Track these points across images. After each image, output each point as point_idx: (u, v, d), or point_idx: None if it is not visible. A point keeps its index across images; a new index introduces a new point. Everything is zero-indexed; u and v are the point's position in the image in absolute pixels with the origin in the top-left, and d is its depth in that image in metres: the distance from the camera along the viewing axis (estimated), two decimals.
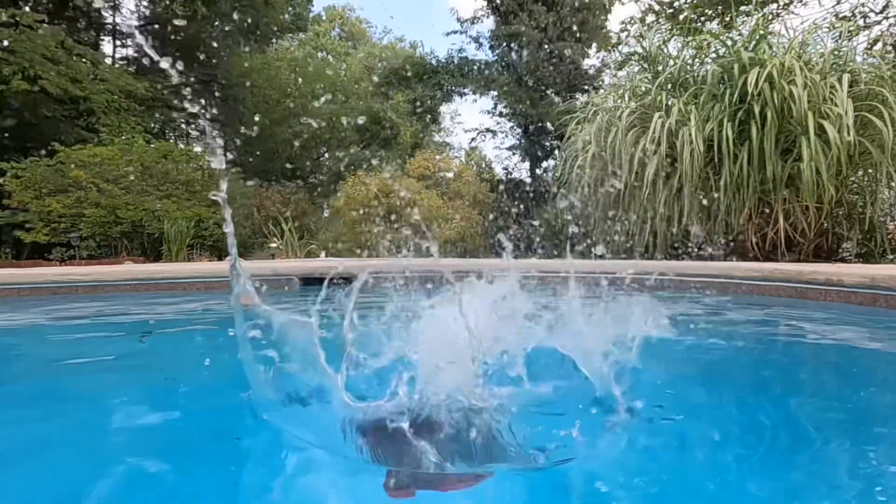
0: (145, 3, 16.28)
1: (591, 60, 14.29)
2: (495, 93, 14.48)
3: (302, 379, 1.19)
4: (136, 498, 0.95)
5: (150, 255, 8.86)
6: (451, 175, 11.88)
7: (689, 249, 5.82)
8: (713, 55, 6.67)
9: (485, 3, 14.60)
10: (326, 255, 8.43)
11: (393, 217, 8.94)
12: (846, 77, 5.36)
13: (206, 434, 1.27)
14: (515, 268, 1.41)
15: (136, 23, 16.39)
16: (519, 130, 14.83)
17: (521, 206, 12.41)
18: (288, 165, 17.30)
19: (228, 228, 1.14)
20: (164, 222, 8.35)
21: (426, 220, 9.67)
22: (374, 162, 14.02)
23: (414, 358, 1.18)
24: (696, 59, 6.78)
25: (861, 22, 9.60)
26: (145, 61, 16.06)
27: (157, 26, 16.37)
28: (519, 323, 1.32)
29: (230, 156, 19.95)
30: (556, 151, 13.30)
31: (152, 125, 15.06)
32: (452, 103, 21.67)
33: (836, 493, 0.98)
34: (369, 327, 1.31)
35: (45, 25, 10.94)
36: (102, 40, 16.38)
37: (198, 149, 17.86)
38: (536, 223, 8.57)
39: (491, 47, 15.04)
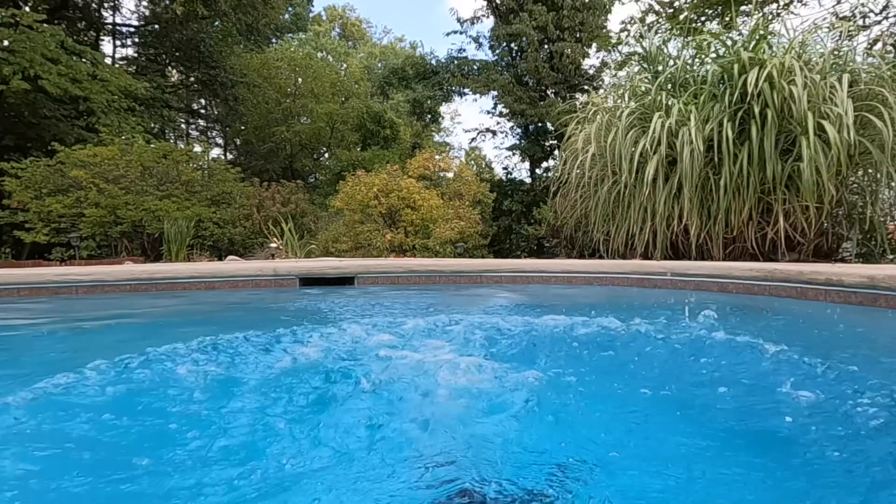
0: (145, 3, 16.29)
1: (591, 60, 14.26)
2: (495, 93, 14.44)
3: None
4: None
5: (150, 255, 8.86)
6: (451, 175, 11.87)
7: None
8: (713, 55, 6.66)
9: (485, 3, 14.59)
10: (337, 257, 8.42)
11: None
12: (846, 77, 5.35)
13: None
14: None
15: (136, 22, 16.42)
16: (519, 130, 14.80)
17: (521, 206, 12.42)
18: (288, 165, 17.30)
19: None
20: (164, 222, 8.35)
21: (426, 220, 9.67)
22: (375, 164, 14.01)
23: None
24: (696, 59, 6.78)
25: (861, 22, 9.59)
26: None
27: (157, 26, 16.37)
28: None
29: (230, 155, 19.97)
30: (556, 151, 13.30)
31: (152, 125, 15.06)
32: (452, 103, 21.72)
33: None
34: None
35: (46, 25, 10.93)
36: (102, 40, 16.38)
37: (198, 148, 17.89)
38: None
39: (491, 47, 15.01)
